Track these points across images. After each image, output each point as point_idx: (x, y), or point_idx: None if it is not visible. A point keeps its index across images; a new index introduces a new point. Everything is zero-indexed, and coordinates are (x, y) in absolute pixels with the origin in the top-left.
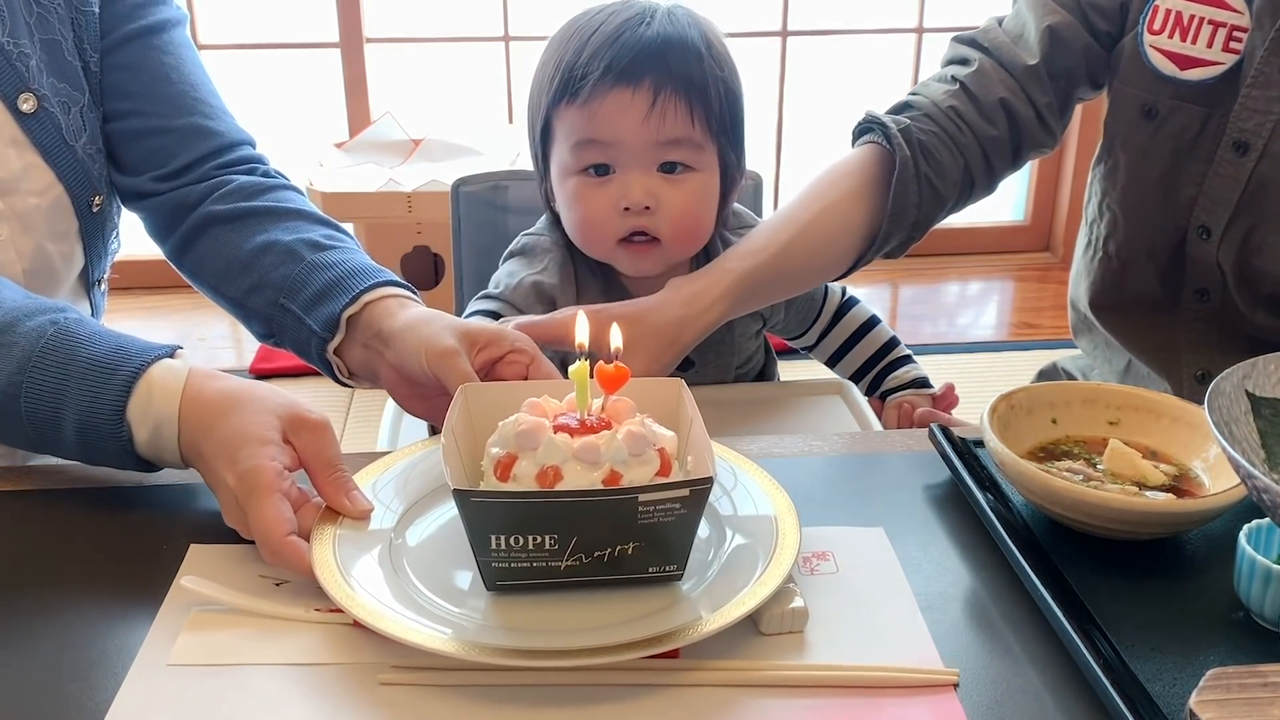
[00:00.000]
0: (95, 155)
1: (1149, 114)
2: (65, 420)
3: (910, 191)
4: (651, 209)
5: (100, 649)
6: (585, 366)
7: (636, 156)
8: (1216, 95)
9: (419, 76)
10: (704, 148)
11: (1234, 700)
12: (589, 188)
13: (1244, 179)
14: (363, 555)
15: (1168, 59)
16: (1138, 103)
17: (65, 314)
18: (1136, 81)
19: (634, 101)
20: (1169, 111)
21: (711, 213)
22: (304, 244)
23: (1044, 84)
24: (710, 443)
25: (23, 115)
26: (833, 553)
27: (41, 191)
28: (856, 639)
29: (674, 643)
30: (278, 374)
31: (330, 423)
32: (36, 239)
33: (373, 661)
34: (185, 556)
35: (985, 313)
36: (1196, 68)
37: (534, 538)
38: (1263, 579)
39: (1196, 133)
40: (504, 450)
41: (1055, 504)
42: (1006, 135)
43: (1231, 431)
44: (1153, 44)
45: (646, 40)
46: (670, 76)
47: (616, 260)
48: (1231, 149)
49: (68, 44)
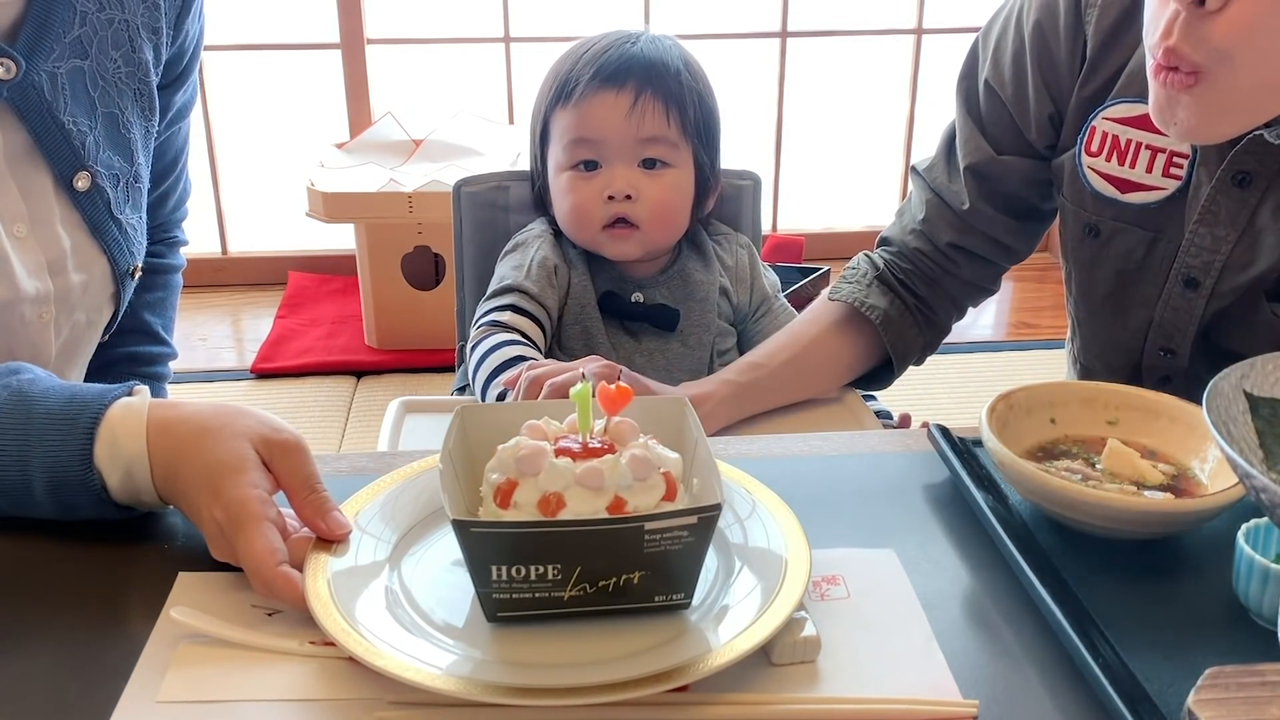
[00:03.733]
0: (137, 225)
1: (1092, 233)
2: (34, 482)
3: (906, 328)
4: (633, 198)
5: (84, 685)
6: (587, 387)
7: (620, 152)
8: (1161, 220)
9: (419, 77)
10: (679, 147)
11: (1232, 699)
12: (579, 181)
13: (1198, 313)
14: (358, 586)
15: (1107, 182)
16: (1081, 220)
17: (17, 376)
18: (1078, 200)
19: (618, 101)
20: (1111, 232)
21: (686, 207)
22: None
23: (988, 216)
24: (717, 464)
25: (76, 193)
26: (843, 577)
27: (86, 267)
28: (871, 669)
29: (683, 679)
30: (279, 374)
31: (304, 441)
32: (75, 314)
33: (369, 697)
34: (173, 585)
35: (984, 313)
36: (1137, 191)
37: (536, 568)
38: (1261, 578)
39: (1143, 255)
40: (504, 476)
41: (1054, 504)
42: (971, 267)
43: (1230, 431)
44: (1091, 166)
45: (631, 53)
46: (650, 82)
47: (601, 245)
48: (1181, 284)
49: (124, 116)
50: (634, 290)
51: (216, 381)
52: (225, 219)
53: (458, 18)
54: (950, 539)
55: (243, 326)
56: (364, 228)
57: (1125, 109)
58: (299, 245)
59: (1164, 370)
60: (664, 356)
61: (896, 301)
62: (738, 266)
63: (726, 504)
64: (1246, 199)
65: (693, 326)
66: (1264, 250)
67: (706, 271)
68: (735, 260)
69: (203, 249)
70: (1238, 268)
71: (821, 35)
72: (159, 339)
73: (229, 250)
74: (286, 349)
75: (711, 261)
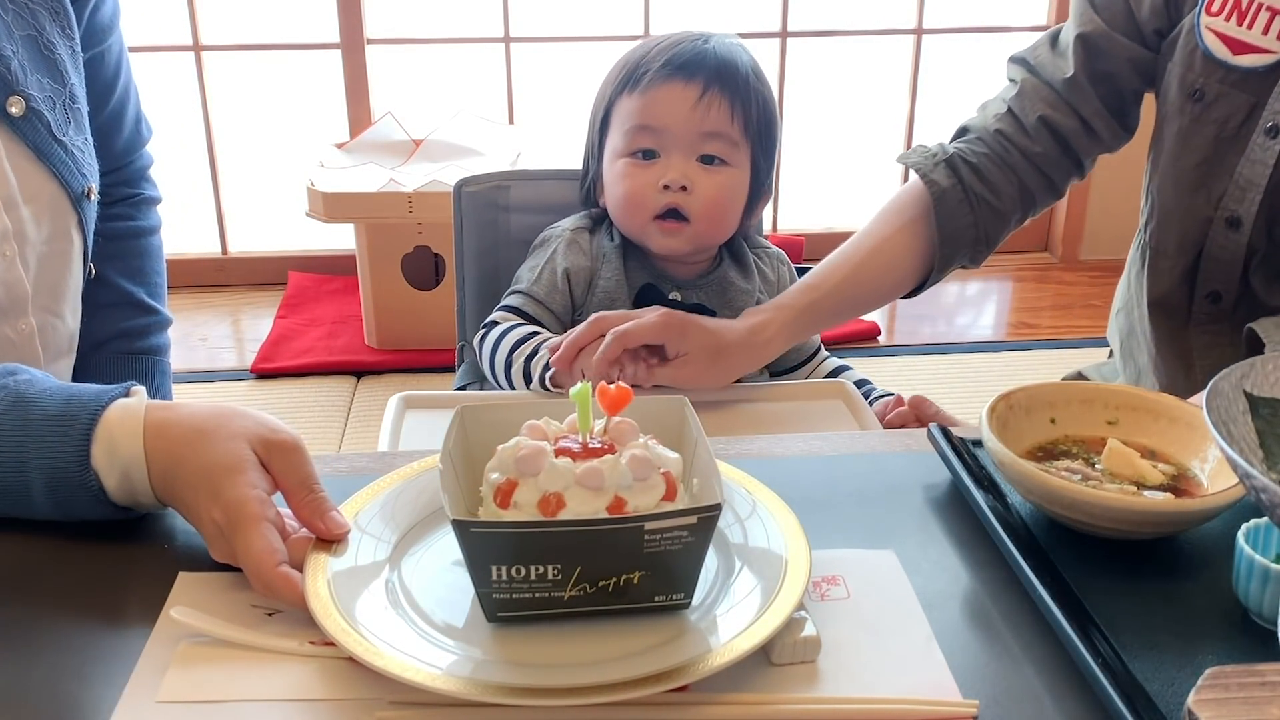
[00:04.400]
0: (84, 147)
1: (1196, 96)
2: (33, 483)
3: (961, 214)
4: (688, 189)
5: (84, 685)
6: (587, 387)
7: (680, 143)
8: (1264, 85)
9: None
10: (739, 146)
11: (1232, 699)
12: (636, 168)
13: (1273, 162)
14: (358, 586)
15: (1221, 42)
16: (1186, 84)
17: (14, 377)
18: (1187, 62)
19: (685, 92)
20: (1215, 96)
21: (738, 207)
22: None
23: (1086, 92)
24: (717, 464)
25: (13, 120)
26: (843, 577)
27: (37, 197)
28: (871, 668)
29: (683, 678)
30: (279, 374)
31: (302, 441)
32: (39, 248)
33: (369, 697)
34: (173, 585)
35: (984, 313)
36: (1249, 54)
37: (536, 568)
38: (1261, 578)
39: (1240, 122)
40: (504, 476)
41: (1054, 504)
42: (1053, 150)
43: (1230, 431)
44: (1209, 25)
45: (703, 49)
46: (719, 78)
47: (649, 236)
48: (1264, 134)
49: (45, 37)
50: (672, 290)
51: (216, 381)
52: (225, 219)
53: (458, 18)
54: (950, 539)
55: (243, 326)
56: (364, 228)
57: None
58: (299, 245)
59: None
60: None
61: (958, 186)
62: (779, 282)
63: (726, 504)
64: None
65: None
66: None
67: (746, 281)
68: (776, 275)
69: (203, 249)
70: None
71: (821, 35)
72: (145, 307)
73: (229, 250)
74: (286, 349)
75: (751, 273)
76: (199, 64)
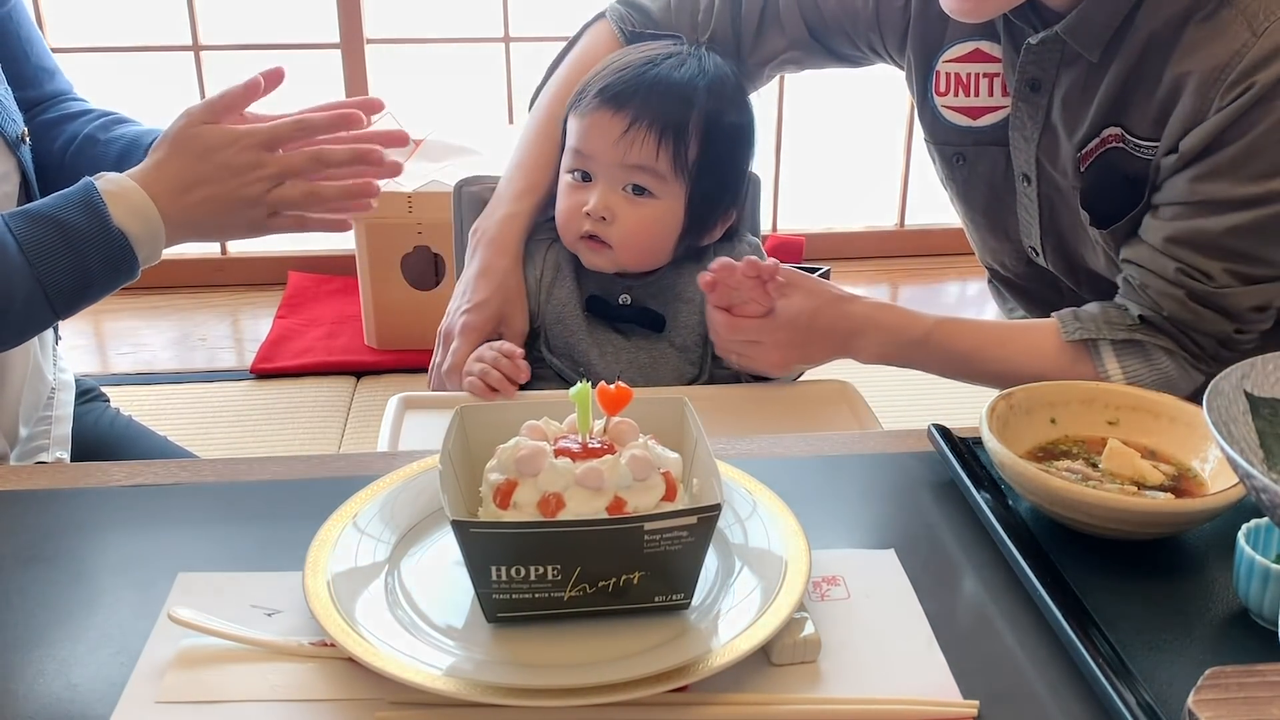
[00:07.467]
0: (5, 95)
1: (958, 161)
2: (55, 234)
3: None
4: (607, 220)
5: (83, 685)
6: (586, 387)
7: (607, 172)
8: (1008, 134)
9: (419, 77)
10: (667, 180)
11: (1232, 699)
12: (571, 188)
13: (1036, 204)
14: (358, 586)
15: (959, 114)
16: (948, 155)
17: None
18: (943, 138)
19: (613, 122)
20: (975, 156)
21: (666, 236)
22: None
23: None
24: (716, 464)
25: None
26: (843, 577)
27: None
28: (871, 669)
29: (683, 679)
30: (279, 374)
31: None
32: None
33: (369, 698)
34: (173, 585)
35: (985, 313)
36: (987, 114)
37: (536, 568)
38: (1261, 578)
39: (1004, 171)
40: (503, 476)
41: (1054, 504)
42: None
43: (1230, 431)
44: (943, 105)
45: (645, 78)
46: (649, 111)
47: (578, 251)
48: (1021, 181)
49: None
50: (622, 291)
51: (216, 381)
52: None
53: (457, 18)
54: (950, 539)
55: (242, 326)
56: (364, 227)
57: (959, 49)
58: (299, 245)
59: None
60: (650, 356)
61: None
62: None
63: (726, 504)
64: (1039, 101)
65: (679, 328)
66: (1061, 149)
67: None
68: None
69: (202, 249)
70: (1049, 163)
71: None
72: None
73: (228, 250)
74: (286, 349)
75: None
76: (199, 64)
